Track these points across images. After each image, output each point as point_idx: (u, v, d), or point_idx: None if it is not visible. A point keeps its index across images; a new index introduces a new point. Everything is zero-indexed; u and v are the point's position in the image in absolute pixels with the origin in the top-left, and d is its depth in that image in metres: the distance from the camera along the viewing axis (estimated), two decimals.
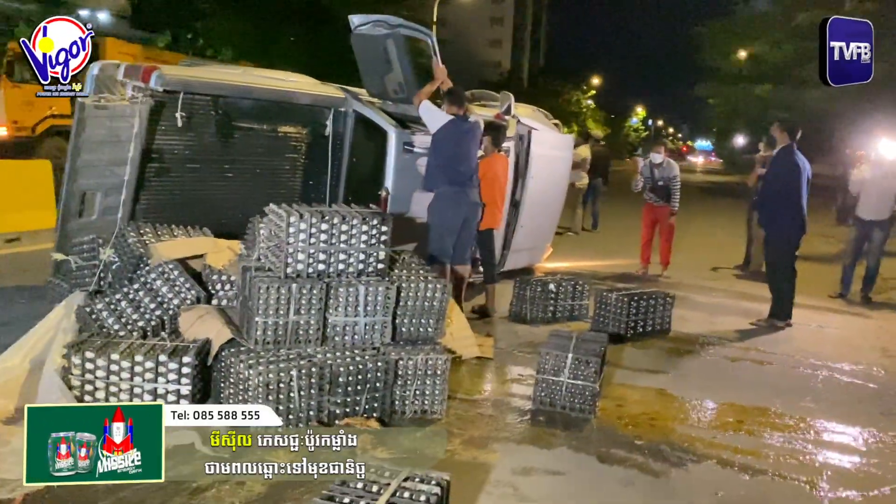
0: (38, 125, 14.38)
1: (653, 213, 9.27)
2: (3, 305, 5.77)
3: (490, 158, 6.59)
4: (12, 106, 14.03)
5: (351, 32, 6.76)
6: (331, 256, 4.15)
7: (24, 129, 14.21)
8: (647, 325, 6.29)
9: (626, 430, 4.22)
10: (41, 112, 14.30)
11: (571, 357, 4.39)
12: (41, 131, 14.42)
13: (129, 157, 5.28)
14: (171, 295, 4.47)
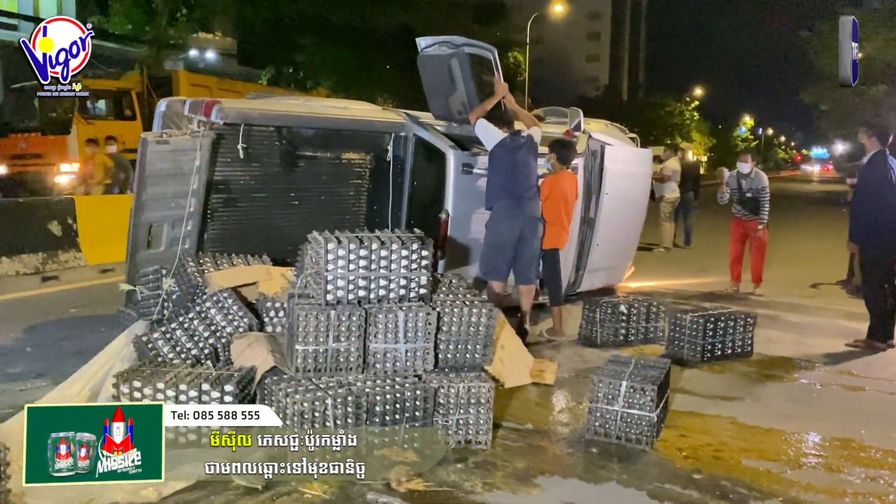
0: None
1: (741, 228, 8.77)
2: (84, 334, 6.10)
3: (557, 176, 6.42)
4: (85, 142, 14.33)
5: (418, 55, 6.81)
6: (371, 282, 4.11)
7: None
8: (726, 347, 5.90)
9: (686, 463, 3.93)
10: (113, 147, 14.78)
11: (626, 385, 4.15)
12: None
13: (192, 189, 5.46)
14: (225, 323, 4.56)
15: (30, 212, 8.78)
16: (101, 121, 14.63)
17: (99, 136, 14.01)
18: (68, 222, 8.87)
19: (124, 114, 15.21)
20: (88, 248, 9.01)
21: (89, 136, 14.04)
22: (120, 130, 14.58)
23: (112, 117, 14.99)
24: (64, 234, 8.81)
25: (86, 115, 14.36)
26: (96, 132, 14.16)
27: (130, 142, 14.01)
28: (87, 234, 9.03)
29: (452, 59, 6.47)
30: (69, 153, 14.14)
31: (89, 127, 14.22)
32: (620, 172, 7.75)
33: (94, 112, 14.63)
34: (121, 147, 14.15)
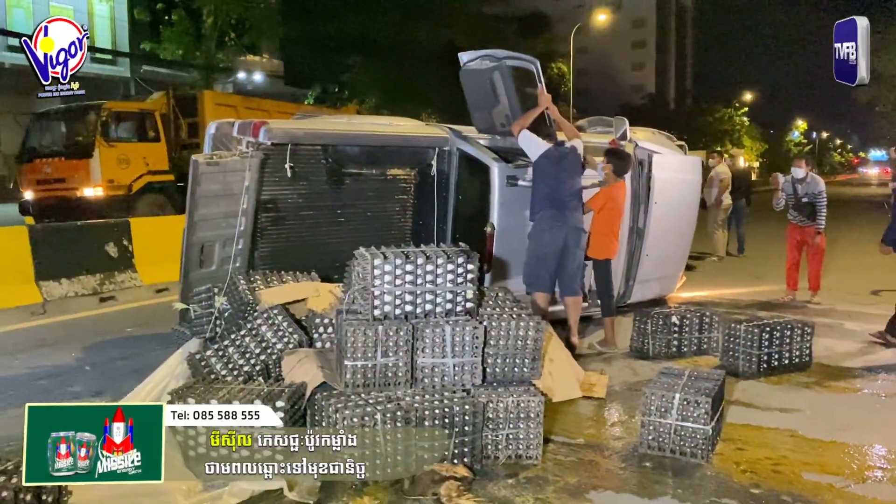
0: (135, 182, 14.59)
1: (798, 234, 8.55)
2: (140, 352, 6.25)
3: (611, 187, 6.36)
4: (108, 165, 14.15)
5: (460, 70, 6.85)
6: (417, 297, 4.12)
7: (121, 188, 14.35)
8: (783, 357, 5.73)
9: (744, 477, 3.81)
10: (137, 170, 14.60)
11: (679, 397, 4.06)
12: (137, 189, 14.63)
13: (242, 208, 5.56)
14: (275, 339, 4.62)
15: (88, 234, 9.07)
16: (123, 143, 14.57)
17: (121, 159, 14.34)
18: (124, 244, 9.13)
19: (148, 136, 15.00)
20: (143, 269, 9.26)
21: (112, 158, 14.13)
22: (144, 153, 14.73)
23: (135, 139, 14.86)
24: (120, 255, 9.07)
25: (108, 138, 14.22)
26: (119, 155, 14.29)
27: (154, 163, 14.82)
28: (142, 255, 9.29)
29: (494, 72, 6.48)
30: (92, 177, 13.97)
31: (112, 150, 14.19)
32: (669, 181, 7.63)
33: (116, 135, 14.48)
34: (144, 169, 14.66)
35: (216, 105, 16.08)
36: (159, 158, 14.94)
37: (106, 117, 14.16)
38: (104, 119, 14.12)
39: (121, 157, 14.32)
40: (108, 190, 14.04)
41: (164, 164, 15.03)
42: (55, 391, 5.29)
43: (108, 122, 14.18)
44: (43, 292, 8.11)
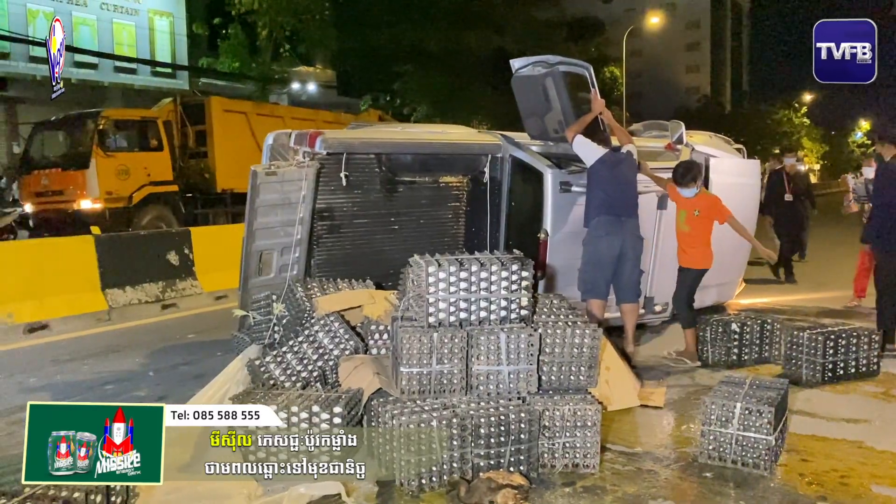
0: (135, 193, 13.86)
1: None
2: (202, 358, 6.41)
3: (704, 196, 6.18)
4: (106, 176, 13.37)
5: (512, 76, 6.85)
6: (472, 304, 4.13)
7: (120, 200, 13.61)
8: (849, 366, 5.55)
9: (809, 490, 3.70)
10: (138, 180, 13.87)
11: (741, 406, 3.97)
12: (138, 200, 13.89)
13: (299, 217, 5.65)
14: (332, 346, 4.69)
15: (150, 243, 9.34)
16: (123, 153, 13.77)
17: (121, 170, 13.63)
18: (185, 252, 9.37)
19: (150, 145, 14.23)
20: (203, 276, 9.49)
21: (110, 169, 13.45)
22: (145, 162, 14.05)
23: (136, 149, 14.08)
24: (181, 263, 9.32)
25: (106, 148, 13.45)
26: (118, 165, 13.62)
27: (156, 173, 14.16)
28: (202, 263, 9.52)
29: (547, 78, 6.46)
30: (89, 189, 13.21)
31: (110, 160, 13.45)
32: (727, 185, 7.45)
33: (115, 144, 13.72)
34: (146, 180, 13.97)
35: (224, 112, 15.78)
36: (162, 168, 14.37)
37: (104, 126, 13.50)
38: (102, 128, 13.47)
39: (120, 168, 13.61)
40: (107, 202, 13.35)
41: (167, 174, 14.48)
42: (121, 395, 5.46)
43: (105, 130, 13.53)
44: (108, 300, 8.38)
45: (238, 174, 15.27)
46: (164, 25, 30.57)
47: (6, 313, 7.45)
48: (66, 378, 5.97)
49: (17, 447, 4.36)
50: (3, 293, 7.50)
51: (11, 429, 4.76)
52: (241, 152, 15.38)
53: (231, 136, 15.58)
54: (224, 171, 15.43)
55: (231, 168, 15.28)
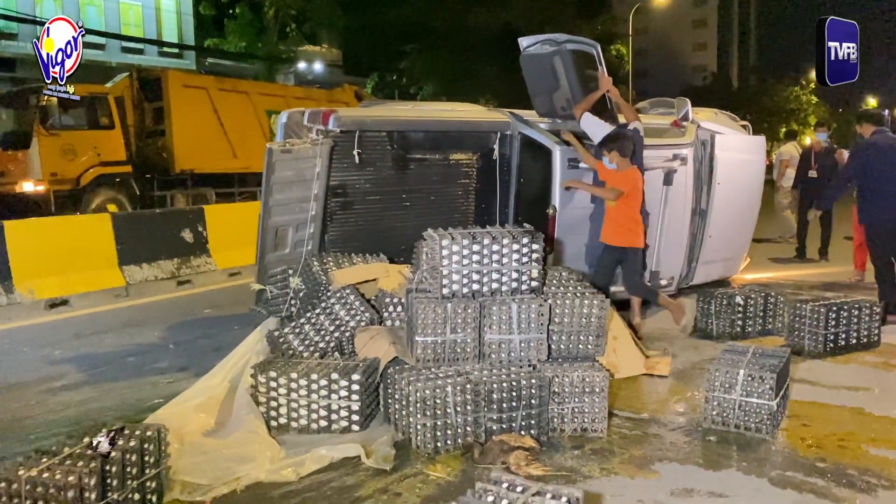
0: (83, 176, 12.83)
1: None
2: (220, 332, 6.58)
3: (624, 173, 5.82)
4: (50, 157, 12.35)
5: (520, 55, 6.94)
6: (484, 276, 4.27)
7: (66, 182, 12.60)
8: (850, 337, 5.69)
9: (809, 452, 3.86)
10: (86, 161, 12.84)
11: (744, 373, 4.12)
12: (87, 182, 12.88)
13: (314, 194, 5.79)
14: (348, 318, 4.85)
15: (165, 221, 9.50)
16: (69, 131, 12.64)
17: (66, 149, 12.56)
18: (199, 230, 9.53)
19: (99, 122, 13.10)
20: (217, 254, 9.65)
21: (54, 149, 12.39)
22: (94, 142, 12.97)
23: (84, 127, 12.93)
24: (195, 240, 9.48)
25: (49, 126, 12.35)
26: (63, 145, 12.53)
27: (107, 153, 13.15)
28: (216, 240, 9.68)
29: (555, 56, 6.56)
30: (30, 170, 12.24)
31: (53, 139, 12.39)
32: (732, 161, 7.58)
33: (60, 122, 12.56)
34: (95, 160, 12.95)
35: (183, 87, 14.85)
36: (114, 148, 13.30)
37: (46, 102, 12.20)
38: (44, 104, 12.25)
39: (65, 148, 12.55)
40: (51, 184, 12.35)
41: (120, 153, 13.43)
42: (143, 367, 5.64)
43: (48, 107, 12.29)
44: (126, 276, 8.56)
45: (199, 154, 14.84)
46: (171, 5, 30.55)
47: (27, 289, 7.64)
48: (90, 350, 6.16)
49: (49, 414, 4.59)
50: (25, 269, 7.68)
51: (41, 397, 4.95)
52: (202, 130, 14.80)
53: (191, 112, 14.80)
54: (183, 151, 14.65)
55: (191, 147, 14.70)
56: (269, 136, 16.42)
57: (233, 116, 15.69)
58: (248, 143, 15.73)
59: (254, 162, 15.82)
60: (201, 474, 3.58)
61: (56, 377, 5.40)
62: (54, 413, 4.64)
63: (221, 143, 15.49)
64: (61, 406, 4.75)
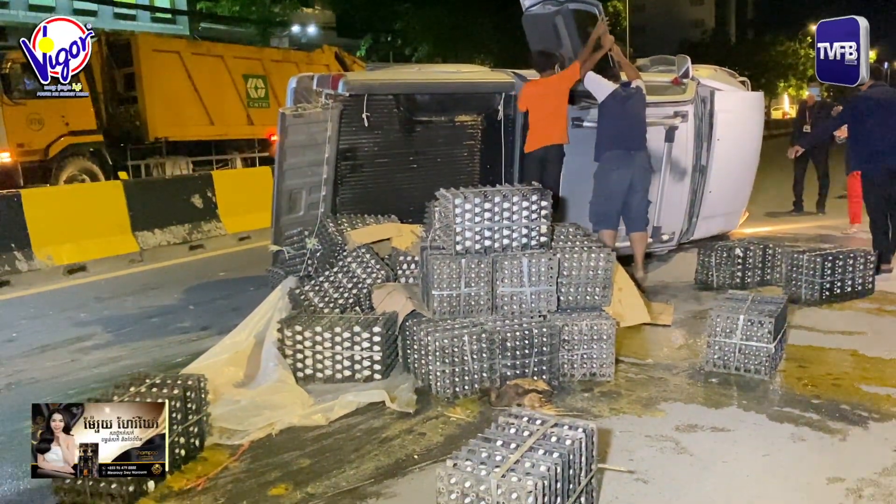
0: (52, 146, 12.38)
1: None
2: (236, 293, 6.81)
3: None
4: (16, 127, 11.89)
5: (522, 14, 7.05)
6: (495, 233, 4.48)
7: (35, 153, 12.21)
8: (846, 286, 5.93)
9: (805, 391, 4.12)
10: (54, 130, 12.40)
11: (743, 318, 4.36)
12: (56, 153, 12.45)
13: (325, 157, 5.96)
14: (365, 275, 5.07)
15: (175, 187, 9.70)
16: (36, 100, 12.09)
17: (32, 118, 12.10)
18: (208, 195, 9.71)
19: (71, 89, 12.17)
20: (227, 219, 9.84)
21: (19, 118, 11.96)
22: (63, 110, 12.48)
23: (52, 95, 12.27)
24: (205, 206, 9.67)
25: (12, 94, 11.84)
26: (29, 114, 12.07)
27: (76, 122, 12.68)
28: (225, 206, 9.86)
29: (557, 16, 6.67)
30: None
31: (18, 108, 11.92)
32: (732, 118, 7.73)
33: (25, 89, 11.98)
34: (64, 129, 12.49)
35: (154, 52, 14.39)
36: (84, 116, 12.79)
37: (9, 70, 11.74)
38: (6, 72, 11.72)
39: (31, 117, 12.09)
40: (18, 156, 11.92)
41: (90, 122, 12.91)
42: (167, 326, 5.89)
43: (10, 74, 11.75)
44: (139, 242, 8.76)
45: (173, 120, 14.41)
46: None
47: (46, 255, 7.85)
48: (113, 313, 6.39)
49: (83, 371, 4.83)
50: (42, 237, 7.89)
51: (74, 356, 5.21)
52: (175, 96, 14.43)
53: (163, 78, 14.38)
54: (157, 118, 14.28)
55: (165, 114, 14.33)
56: (245, 101, 16.25)
57: (208, 81, 15.30)
58: (225, 109, 15.48)
59: (231, 128, 15.84)
60: (237, 421, 3.83)
61: (85, 338, 5.64)
62: (88, 370, 4.89)
63: (196, 109, 15.11)
64: (95, 363, 5.01)
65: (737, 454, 3.39)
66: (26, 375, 4.82)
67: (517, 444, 2.69)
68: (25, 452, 3.12)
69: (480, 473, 2.44)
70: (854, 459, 3.30)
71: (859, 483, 3.08)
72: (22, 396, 4.41)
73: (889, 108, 6.71)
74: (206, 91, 15.26)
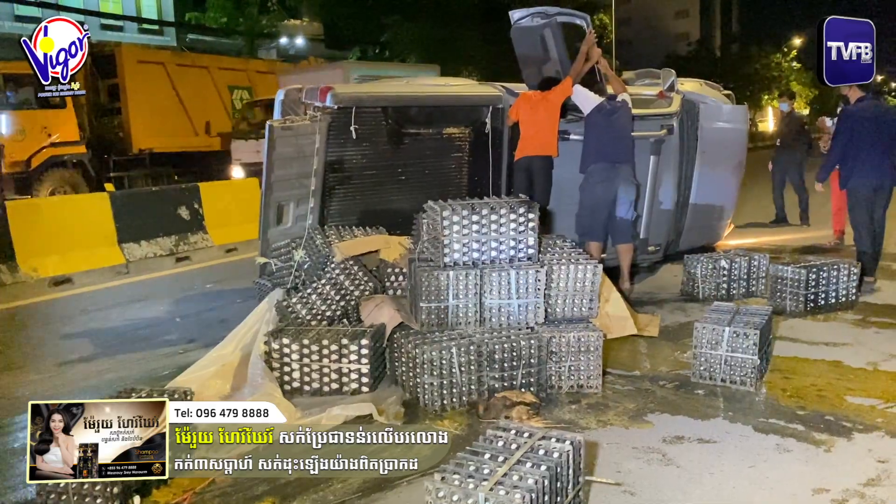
0: (34, 157, 12.34)
1: None
2: (224, 305, 6.79)
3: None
4: None
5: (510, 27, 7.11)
6: (483, 245, 4.50)
7: (16, 165, 12.19)
8: (830, 297, 5.98)
9: (790, 402, 4.15)
10: (36, 142, 12.34)
11: (729, 330, 4.39)
12: (38, 164, 12.39)
13: (313, 169, 5.96)
14: (353, 287, 5.07)
15: (161, 198, 9.65)
16: (16, 112, 12.14)
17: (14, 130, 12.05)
18: (195, 207, 9.68)
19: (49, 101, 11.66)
20: (214, 230, 9.81)
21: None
22: (44, 122, 12.41)
23: (33, 106, 12.16)
24: (192, 218, 9.63)
25: None
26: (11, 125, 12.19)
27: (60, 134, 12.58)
28: (212, 218, 9.83)
29: (545, 29, 6.73)
30: None
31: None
32: (716, 130, 7.81)
33: (6, 101, 12.12)
34: (45, 141, 12.41)
35: (138, 63, 14.38)
36: (66, 128, 12.68)
37: None
38: None
39: (15, 127, 12.22)
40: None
41: (72, 134, 12.81)
42: (153, 339, 5.85)
43: None
44: (125, 253, 8.72)
45: (158, 132, 14.37)
46: None
47: (31, 268, 7.80)
48: (99, 325, 6.36)
49: (69, 385, 4.79)
50: (27, 248, 7.84)
51: (59, 370, 5.17)
52: (160, 107, 14.36)
53: (148, 89, 14.38)
54: (141, 129, 14.26)
55: (149, 125, 14.30)
56: (231, 113, 16.16)
57: (193, 92, 15.32)
58: (210, 120, 15.44)
59: (216, 140, 15.74)
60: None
61: (70, 351, 5.61)
62: (73, 384, 4.85)
63: (181, 120, 15.10)
64: (80, 376, 4.98)
65: (723, 466, 3.41)
66: (9, 391, 4.78)
67: (505, 457, 2.70)
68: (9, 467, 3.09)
69: (468, 487, 2.45)
70: (839, 470, 3.33)
71: (844, 494, 3.11)
72: (5, 410, 4.37)
73: (878, 123, 6.75)
74: (192, 102, 15.26)
